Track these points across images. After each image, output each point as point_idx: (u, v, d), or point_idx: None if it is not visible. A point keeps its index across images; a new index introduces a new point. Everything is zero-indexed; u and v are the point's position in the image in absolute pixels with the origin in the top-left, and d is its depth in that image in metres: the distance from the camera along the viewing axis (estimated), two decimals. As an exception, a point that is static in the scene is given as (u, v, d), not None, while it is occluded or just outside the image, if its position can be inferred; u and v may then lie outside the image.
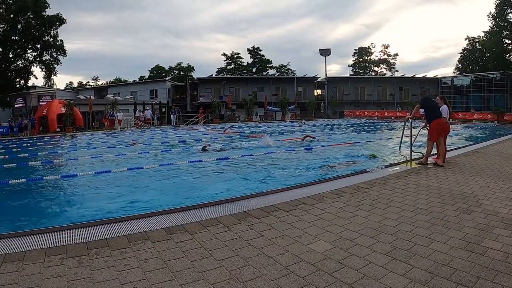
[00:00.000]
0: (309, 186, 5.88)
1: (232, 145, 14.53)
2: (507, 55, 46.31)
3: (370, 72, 73.90)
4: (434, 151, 8.34)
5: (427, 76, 53.91)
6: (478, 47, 57.18)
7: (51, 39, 38.52)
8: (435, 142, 8.03)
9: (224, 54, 72.98)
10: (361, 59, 74.97)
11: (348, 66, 76.30)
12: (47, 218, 5.46)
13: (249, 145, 14.20)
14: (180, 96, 50.10)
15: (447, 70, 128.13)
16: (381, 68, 74.90)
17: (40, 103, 32.47)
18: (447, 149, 8.74)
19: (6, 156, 12.45)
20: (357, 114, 46.80)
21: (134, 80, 66.50)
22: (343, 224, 3.93)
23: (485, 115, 35.73)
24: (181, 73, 71.08)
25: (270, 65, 73.22)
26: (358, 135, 18.97)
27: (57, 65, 40.42)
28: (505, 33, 45.21)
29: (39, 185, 7.72)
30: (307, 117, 42.97)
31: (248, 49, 72.49)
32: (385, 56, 74.58)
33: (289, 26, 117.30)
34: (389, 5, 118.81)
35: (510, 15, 44.74)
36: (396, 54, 76.11)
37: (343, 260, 3.00)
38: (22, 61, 38.52)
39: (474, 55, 58.65)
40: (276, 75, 64.48)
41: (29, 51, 38.54)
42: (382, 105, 50.68)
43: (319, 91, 54.39)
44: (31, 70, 39.42)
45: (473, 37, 58.03)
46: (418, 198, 5.02)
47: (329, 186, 5.81)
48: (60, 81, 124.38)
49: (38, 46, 38.35)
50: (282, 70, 72.98)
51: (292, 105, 43.65)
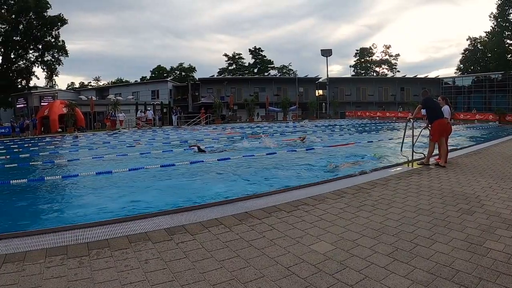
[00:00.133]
0: (311, 187, 5.86)
1: (233, 146, 14.52)
2: (509, 56, 46.15)
3: (372, 73, 73.85)
4: (436, 152, 8.32)
5: (429, 77, 53.80)
6: (480, 48, 57.17)
7: (53, 40, 38.65)
8: (437, 143, 8.01)
9: (226, 55, 73.26)
10: (363, 60, 74.95)
11: (350, 67, 76.54)
12: (48, 219, 5.46)
13: (251, 145, 14.19)
14: (182, 97, 50.15)
15: (449, 71, 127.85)
16: (383, 69, 74.94)
17: (42, 104, 32.47)
18: (449, 150, 8.71)
19: (8, 156, 12.47)
20: (359, 115, 46.77)
21: (136, 81, 66.71)
22: (345, 225, 3.91)
23: (487, 116, 35.66)
24: (183, 74, 71.19)
25: (272, 66, 73.36)
26: (360, 136, 18.94)
27: (59, 66, 40.64)
28: (507, 34, 45.08)
29: (40, 186, 7.72)
30: (309, 118, 42.96)
31: (250, 50, 72.70)
32: (387, 57, 74.62)
33: (291, 27, 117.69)
34: (391, 6, 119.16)
35: (512, 15, 44.69)
36: (398, 55, 76.29)
37: (345, 261, 2.99)
38: (24, 62, 38.68)
39: (476, 56, 58.65)
40: (278, 76, 64.48)
41: (31, 52, 38.69)
42: (384, 106, 50.58)
43: (321, 92, 54.32)
44: (33, 71, 39.63)
45: (475, 38, 58.16)
46: (420, 199, 5.00)
47: (331, 187, 5.79)
48: (62, 82, 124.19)
49: (40, 47, 38.47)
50: (284, 71, 73.04)
51: (294, 106, 43.67)
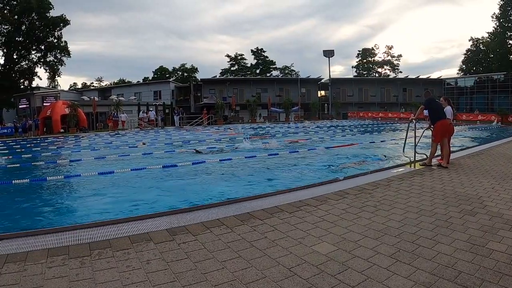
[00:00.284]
0: (313, 188, 5.85)
1: (234, 146, 14.53)
2: (511, 56, 46.09)
3: (374, 73, 73.75)
4: (438, 153, 8.29)
5: (431, 77, 53.74)
6: (482, 48, 57.08)
7: (55, 40, 38.87)
8: (439, 144, 7.99)
9: (228, 55, 73.36)
10: (365, 60, 74.89)
11: (352, 67, 76.53)
12: (49, 219, 5.47)
13: (253, 146, 14.20)
14: (184, 97, 50.22)
15: (451, 71, 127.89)
16: (385, 69, 74.87)
17: (44, 104, 32.61)
18: (451, 151, 8.68)
19: (10, 157, 12.51)
20: (361, 116, 46.71)
21: (138, 81, 66.83)
22: (347, 226, 3.90)
23: (489, 116, 35.52)
24: (185, 74, 71.33)
25: (274, 66, 73.39)
26: (362, 136, 18.92)
27: (61, 66, 40.95)
28: (509, 34, 45.06)
29: (42, 186, 7.75)
30: (311, 118, 42.95)
31: (252, 50, 72.81)
32: (389, 57, 74.47)
33: (293, 27, 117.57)
34: (393, 6, 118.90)
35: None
36: (400, 55, 75.98)
37: (347, 262, 2.98)
38: (26, 62, 38.89)
39: (478, 56, 58.53)
40: (280, 76, 64.51)
41: (33, 52, 38.95)
42: (386, 107, 50.53)
43: (323, 92, 54.32)
44: (35, 71, 39.89)
45: (477, 38, 58.07)
46: (422, 200, 4.98)
47: (333, 188, 5.77)
48: (64, 82, 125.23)
49: (42, 47, 38.68)
50: (286, 71, 73.06)
51: (296, 106, 43.66)
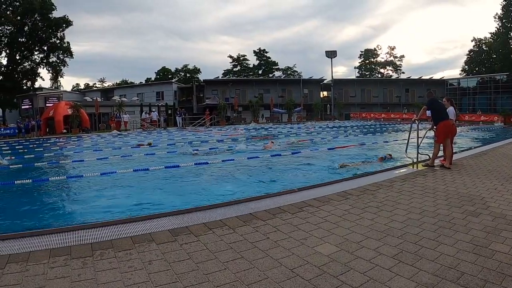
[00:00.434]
0: (315, 188, 5.84)
1: (235, 147, 14.53)
2: (514, 56, 45.95)
3: (376, 74, 73.67)
4: (441, 153, 8.27)
5: (434, 78, 53.60)
6: (485, 49, 56.91)
7: (58, 41, 38.94)
8: (442, 144, 7.96)
9: (230, 56, 73.43)
10: (367, 61, 74.80)
11: (354, 68, 76.49)
12: (52, 219, 5.48)
13: (255, 147, 14.20)
14: (186, 98, 50.25)
15: (454, 72, 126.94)
16: (387, 70, 74.71)
17: (47, 105, 32.73)
18: (454, 151, 8.65)
19: (13, 157, 12.55)
20: (363, 116, 46.63)
21: (141, 82, 67.07)
22: (349, 227, 3.89)
23: (492, 117, 35.36)
24: (187, 75, 71.47)
25: (276, 67, 73.41)
26: (365, 137, 18.89)
27: (64, 67, 40.90)
28: (512, 34, 44.90)
29: (45, 186, 7.77)
30: (314, 119, 42.91)
31: (254, 51, 72.80)
32: (391, 58, 74.35)
33: (295, 28, 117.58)
34: (396, 7, 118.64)
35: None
36: (403, 56, 75.95)
37: (349, 263, 2.97)
38: (29, 63, 38.96)
39: (481, 57, 58.35)
40: (282, 77, 64.47)
41: (36, 53, 39.00)
42: (388, 107, 50.40)
43: (325, 93, 54.23)
44: (38, 72, 39.90)
45: (480, 39, 57.89)
46: (425, 201, 4.96)
47: (335, 188, 5.77)
48: (67, 83, 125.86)
49: (45, 48, 38.75)
50: (288, 72, 73.10)
51: (298, 107, 43.63)
